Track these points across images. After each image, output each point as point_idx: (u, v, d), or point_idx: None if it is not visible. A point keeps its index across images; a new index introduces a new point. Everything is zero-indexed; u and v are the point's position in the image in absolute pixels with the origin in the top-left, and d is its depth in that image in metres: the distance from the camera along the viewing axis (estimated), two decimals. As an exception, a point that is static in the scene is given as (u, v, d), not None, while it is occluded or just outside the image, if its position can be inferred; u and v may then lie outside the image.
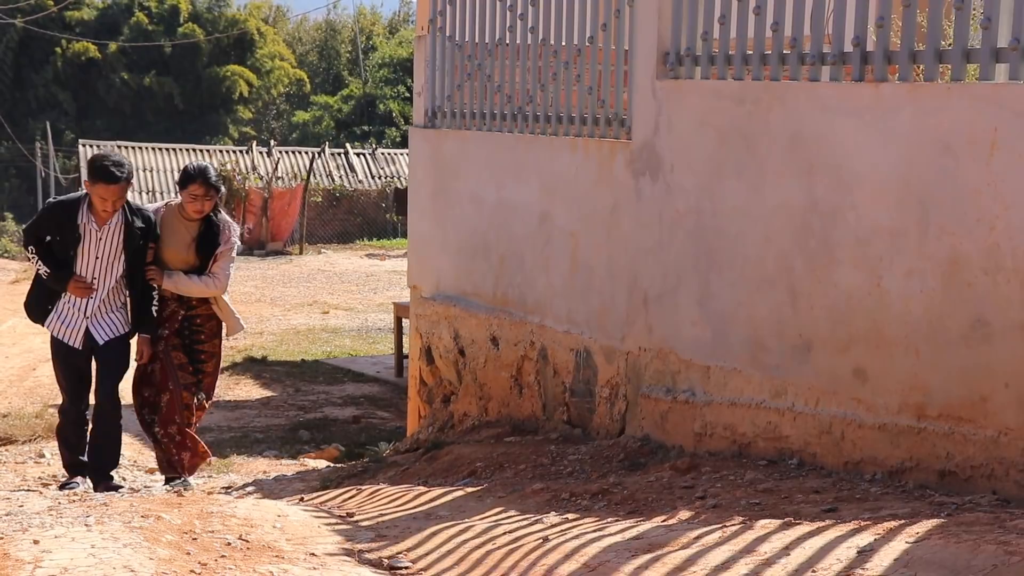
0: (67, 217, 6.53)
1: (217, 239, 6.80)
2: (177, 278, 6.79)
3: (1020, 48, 4.11)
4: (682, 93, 5.60)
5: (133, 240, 6.62)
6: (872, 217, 4.60)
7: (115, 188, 6.42)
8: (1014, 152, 4.06)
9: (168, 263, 6.80)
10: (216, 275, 6.82)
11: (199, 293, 6.84)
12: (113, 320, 6.68)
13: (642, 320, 5.84)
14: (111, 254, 6.59)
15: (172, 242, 6.77)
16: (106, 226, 6.52)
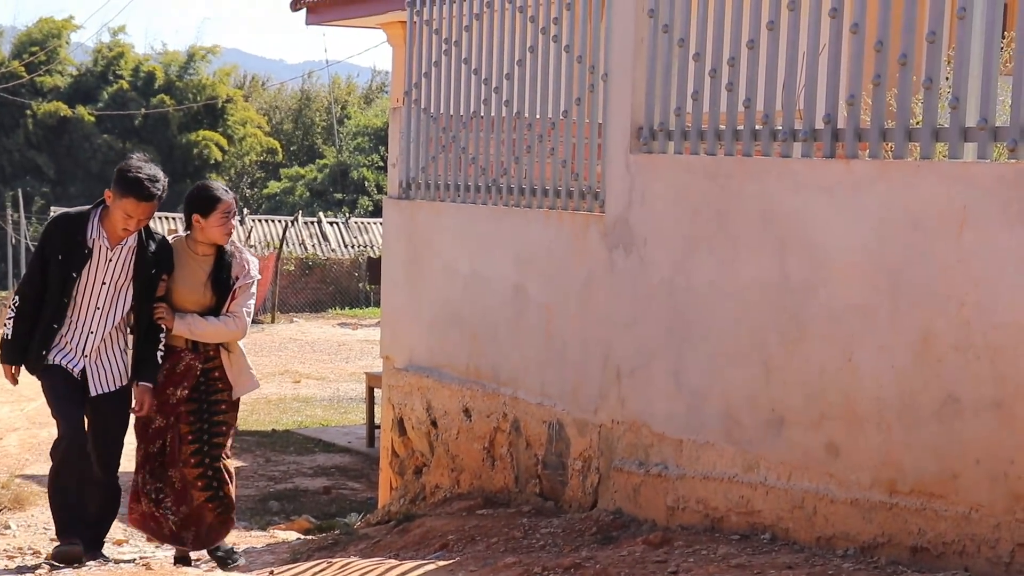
0: (76, 231, 5.68)
1: (232, 274, 6.01)
2: (192, 321, 5.94)
3: (988, 128, 4.17)
4: (655, 167, 5.65)
5: (145, 267, 5.78)
6: (844, 293, 4.63)
7: (146, 206, 5.62)
8: (983, 230, 4.11)
9: (180, 305, 5.96)
10: (236, 315, 6.00)
11: (217, 337, 6.00)
12: (112, 366, 5.83)
13: (615, 393, 5.85)
14: (120, 281, 5.75)
15: (184, 280, 5.96)
16: (119, 247, 5.72)
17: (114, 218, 5.67)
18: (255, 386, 6.27)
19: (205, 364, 6.05)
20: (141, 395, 5.90)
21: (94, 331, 5.79)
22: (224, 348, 6.08)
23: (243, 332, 6.04)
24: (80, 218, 5.75)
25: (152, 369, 5.89)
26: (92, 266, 5.71)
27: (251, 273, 6.07)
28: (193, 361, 6.03)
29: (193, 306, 5.99)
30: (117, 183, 5.63)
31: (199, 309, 6.00)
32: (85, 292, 5.74)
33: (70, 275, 5.70)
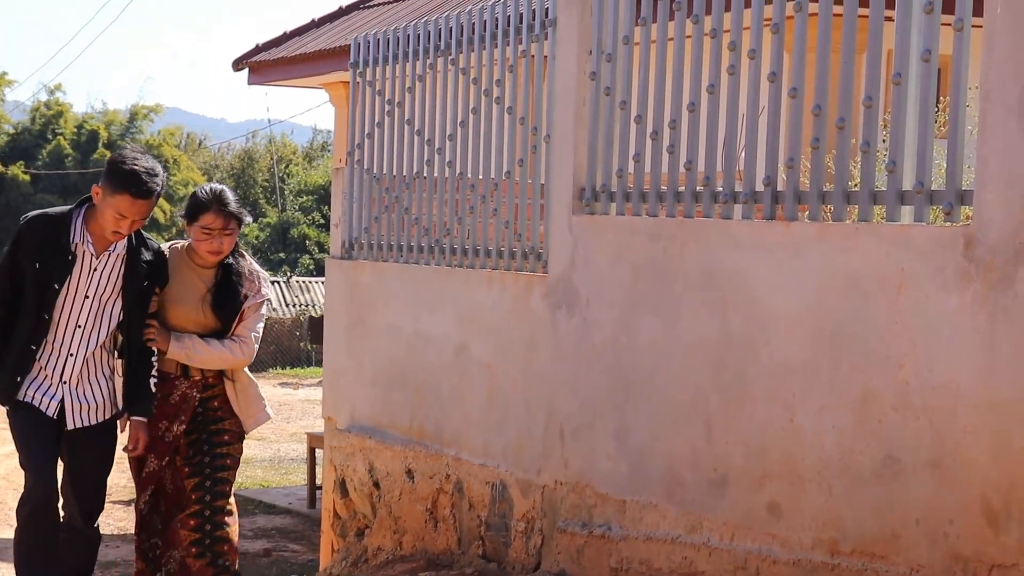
0: (58, 234, 4.82)
1: (240, 291, 5.19)
2: (191, 343, 5.12)
3: (924, 191, 4.24)
4: (598, 228, 5.68)
5: (136, 278, 4.94)
6: (785, 353, 4.67)
7: (143, 205, 4.77)
8: (920, 291, 4.16)
9: (176, 325, 5.15)
10: (242, 339, 5.18)
11: (219, 363, 5.18)
12: (95, 395, 4.98)
13: (559, 453, 5.85)
14: (105, 294, 4.91)
15: (181, 296, 5.13)
16: (106, 254, 4.89)
17: (103, 219, 4.79)
18: (266, 418, 5.41)
19: (203, 393, 5.27)
20: (134, 431, 5.07)
21: (74, 353, 4.91)
22: (227, 376, 5.28)
23: (249, 359, 5.24)
24: (61, 219, 4.87)
25: (146, 399, 5.05)
26: (75, 276, 4.84)
27: (262, 291, 5.26)
28: (189, 390, 5.23)
29: (192, 326, 5.17)
30: (109, 177, 4.78)
31: (199, 330, 5.17)
32: (65, 307, 4.86)
33: (50, 286, 4.81)
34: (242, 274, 5.22)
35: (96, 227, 4.89)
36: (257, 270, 5.28)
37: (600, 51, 5.69)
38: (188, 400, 5.23)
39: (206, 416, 5.30)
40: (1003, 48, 3.90)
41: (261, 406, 5.42)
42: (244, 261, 5.26)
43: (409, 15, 14.27)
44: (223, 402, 5.33)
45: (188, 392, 5.24)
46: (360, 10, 16.56)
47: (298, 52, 15.45)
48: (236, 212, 5.14)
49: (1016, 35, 3.86)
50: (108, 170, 4.83)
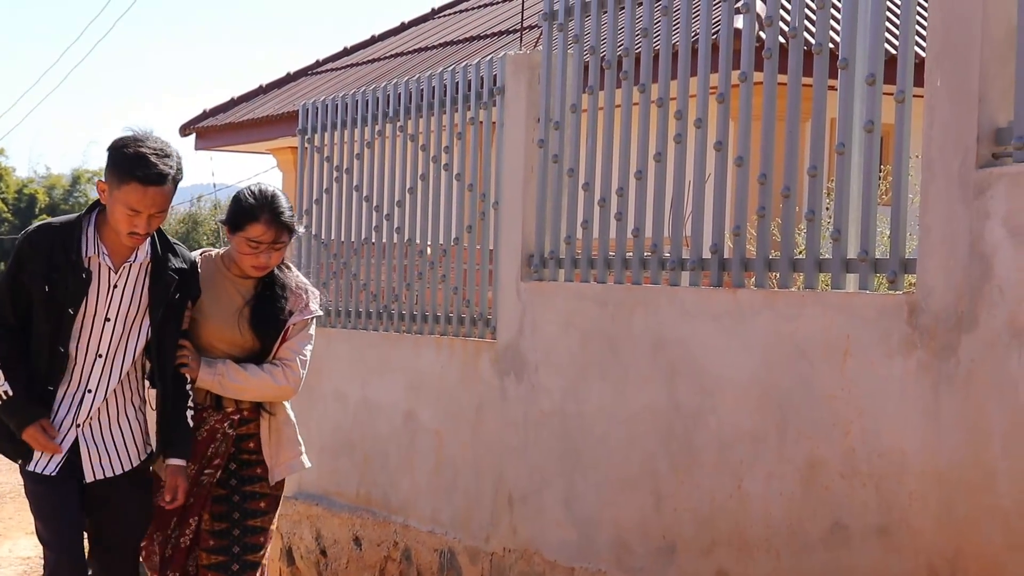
0: (66, 249, 3.98)
1: (285, 305, 4.30)
2: (223, 368, 4.23)
3: (869, 260, 4.29)
4: (546, 295, 5.70)
5: (164, 291, 4.08)
6: (733, 421, 4.69)
7: (157, 194, 3.90)
8: (865, 359, 4.20)
9: (207, 345, 4.27)
10: (287, 363, 4.29)
11: (259, 393, 4.28)
12: (120, 438, 4.11)
13: (507, 521, 5.82)
14: (131, 313, 4.07)
15: (213, 310, 4.26)
16: (126, 265, 4.04)
17: (115, 219, 3.95)
18: (300, 466, 4.44)
19: (237, 430, 4.31)
20: (172, 477, 4.13)
21: (93, 389, 4.03)
22: (265, 409, 4.34)
23: (296, 389, 4.32)
24: (69, 229, 4.02)
25: (184, 437, 4.15)
26: (91, 297, 4.00)
27: (311, 307, 4.36)
28: (220, 424, 4.28)
29: (225, 346, 4.27)
30: (113, 166, 3.95)
31: (234, 351, 4.27)
32: (83, 335, 4.02)
33: (64, 311, 3.96)
34: (287, 286, 4.32)
35: (110, 234, 4.01)
36: (305, 283, 4.40)
37: (548, 119, 5.73)
38: (219, 439, 4.27)
39: (240, 463, 4.32)
40: (943, 120, 3.97)
41: (296, 452, 4.41)
42: (290, 273, 4.37)
43: (357, 81, 14.33)
44: (258, 445, 4.35)
45: (219, 427, 4.27)
46: (308, 76, 16.60)
47: (246, 117, 15.46)
48: (289, 223, 4.22)
49: (955, 107, 3.92)
50: (111, 158, 3.98)
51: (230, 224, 4.25)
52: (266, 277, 4.32)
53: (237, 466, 4.34)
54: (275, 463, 4.37)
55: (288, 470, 4.39)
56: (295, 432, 4.46)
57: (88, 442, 4.07)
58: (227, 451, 4.30)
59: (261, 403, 4.36)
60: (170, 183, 3.93)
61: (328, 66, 16.70)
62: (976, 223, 3.85)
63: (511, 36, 10.87)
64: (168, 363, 4.15)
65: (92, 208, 4.09)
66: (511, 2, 11.25)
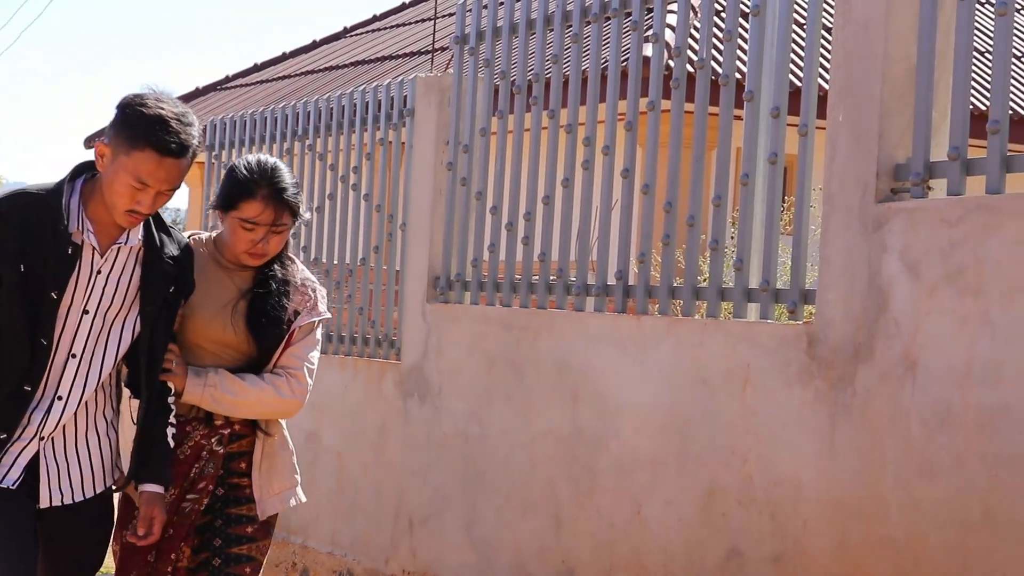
0: (49, 220, 3.26)
1: (288, 304, 3.61)
2: (216, 380, 3.54)
3: (770, 290, 4.34)
4: (452, 317, 5.70)
5: (159, 282, 3.40)
6: (634, 446, 4.72)
7: (172, 167, 3.22)
8: (764, 388, 4.25)
9: (191, 346, 3.57)
10: (291, 371, 3.61)
11: (256, 409, 3.58)
12: (86, 457, 3.41)
13: (407, 543, 5.80)
14: (114, 308, 3.36)
15: (203, 303, 3.55)
16: (113, 248, 3.34)
17: (114, 192, 3.24)
18: (293, 498, 3.74)
19: (226, 447, 3.62)
20: (148, 507, 3.43)
21: (64, 396, 3.34)
22: (260, 428, 3.66)
23: (300, 404, 3.65)
24: (49, 198, 3.28)
25: (164, 459, 3.49)
26: (75, 284, 3.29)
27: (319, 307, 3.69)
28: (206, 440, 3.59)
29: (214, 348, 3.59)
30: (124, 126, 3.23)
31: (225, 356, 3.59)
32: (57, 328, 3.30)
33: (45, 295, 3.25)
34: (289, 282, 3.63)
35: (99, 209, 3.30)
36: (312, 280, 3.72)
37: (457, 142, 5.74)
38: (205, 457, 3.59)
39: (227, 487, 3.64)
40: (844, 154, 4.04)
41: (291, 482, 3.72)
42: (293, 267, 3.68)
43: (267, 98, 14.23)
44: (250, 466, 3.67)
45: (204, 443, 3.59)
46: (217, 91, 16.47)
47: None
48: (293, 202, 3.55)
49: (857, 142, 4.00)
50: (121, 118, 3.26)
51: (222, 201, 3.57)
52: (266, 269, 3.61)
53: (225, 490, 3.64)
54: (265, 494, 3.65)
55: (280, 504, 3.68)
56: (292, 458, 3.76)
57: (49, 460, 3.36)
58: (215, 473, 3.59)
59: (256, 420, 3.66)
60: (189, 157, 3.25)
61: (238, 82, 16.59)
62: (874, 256, 3.92)
63: (423, 57, 10.89)
64: (155, 369, 3.46)
65: (76, 174, 3.34)
66: (424, 23, 11.26)
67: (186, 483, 3.60)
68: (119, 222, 3.30)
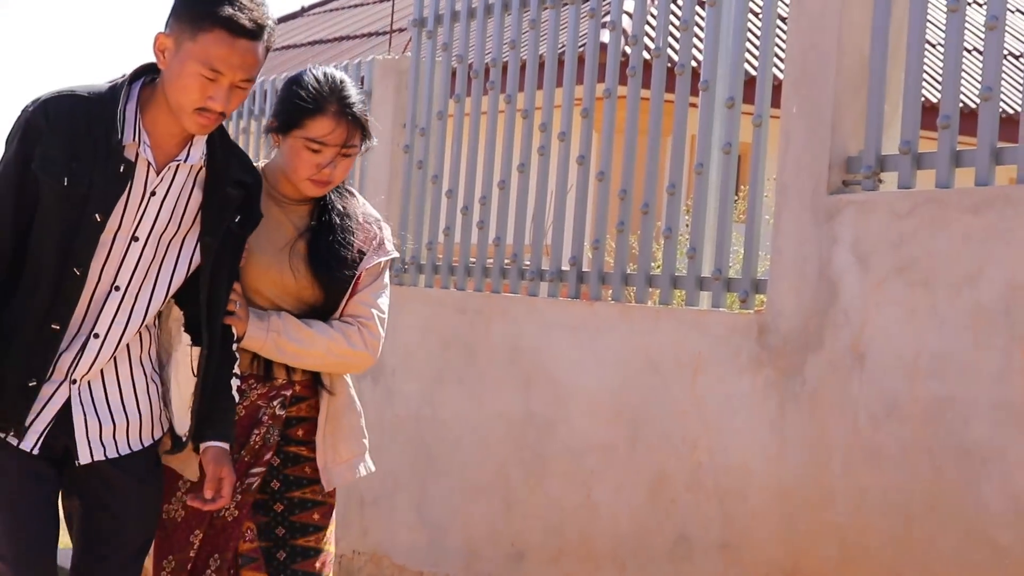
0: (100, 129, 2.80)
1: (353, 240, 3.19)
2: (280, 324, 3.11)
3: (722, 279, 4.38)
4: (406, 300, 5.70)
5: (223, 209, 2.93)
6: (585, 431, 4.75)
7: (248, 51, 2.79)
8: (715, 376, 4.29)
9: (250, 295, 3.14)
10: (364, 320, 3.17)
11: (324, 362, 3.16)
12: (134, 405, 2.95)
13: (357, 523, 5.81)
14: (167, 234, 2.90)
15: (258, 242, 3.11)
16: (171, 166, 2.87)
17: (180, 86, 2.77)
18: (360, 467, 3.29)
19: (288, 410, 3.19)
20: (215, 467, 2.98)
21: (102, 334, 2.87)
22: (322, 386, 3.21)
23: (375, 355, 3.22)
24: (103, 102, 2.82)
25: (227, 414, 3.04)
26: (122, 203, 2.83)
27: (386, 246, 3.25)
28: (264, 401, 3.16)
29: (273, 293, 3.16)
30: (187, 6, 2.81)
31: (284, 302, 3.16)
32: (96, 256, 2.83)
33: (88, 217, 2.78)
34: (351, 216, 3.21)
35: (160, 118, 2.84)
36: (375, 214, 3.30)
37: (414, 124, 5.74)
38: (266, 423, 3.14)
39: (284, 457, 3.19)
40: (798, 145, 4.07)
41: (359, 448, 3.28)
42: (353, 200, 3.26)
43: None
44: (310, 433, 3.22)
45: (263, 404, 3.15)
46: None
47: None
48: (364, 120, 3.15)
49: (810, 134, 4.03)
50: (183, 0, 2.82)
51: (281, 120, 3.15)
52: (325, 202, 3.20)
53: (280, 461, 3.17)
54: (331, 462, 3.21)
55: (349, 472, 3.24)
56: (360, 420, 3.29)
57: (86, 407, 2.88)
58: (275, 441, 3.15)
59: (319, 377, 3.20)
60: (265, 40, 2.82)
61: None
62: (825, 248, 3.96)
63: (381, 38, 10.86)
64: (218, 312, 2.98)
65: (135, 77, 2.88)
66: (382, 3, 11.23)
67: (246, 452, 3.12)
68: (187, 126, 2.82)
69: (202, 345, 2.98)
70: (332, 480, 3.22)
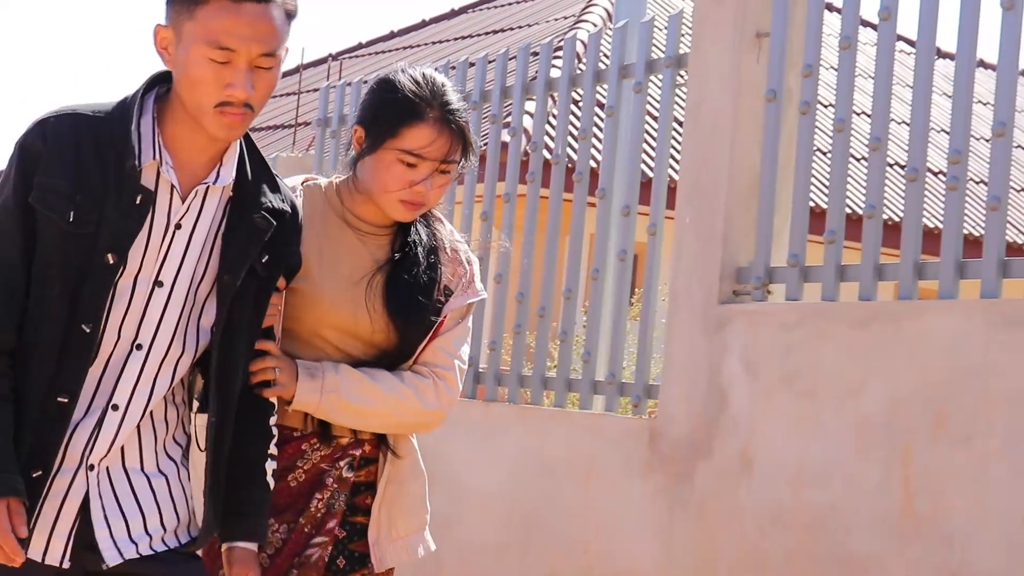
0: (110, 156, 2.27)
1: (441, 277, 2.68)
2: (337, 380, 2.59)
3: (615, 383, 4.44)
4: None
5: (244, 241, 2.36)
6: (479, 531, 4.76)
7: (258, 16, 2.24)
8: (607, 480, 4.33)
9: (309, 334, 2.63)
10: (441, 371, 2.67)
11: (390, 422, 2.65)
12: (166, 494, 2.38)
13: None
14: (196, 277, 2.35)
15: (327, 275, 2.62)
16: (199, 191, 2.32)
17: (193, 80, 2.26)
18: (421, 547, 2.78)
19: (355, 474, 2.68)
20: (239, 573, 2.43)
21: (122, 405, 2.32)
22: (387, 446, 2.69)
23: (444, 416, 2.70)
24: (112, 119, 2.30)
25: (260, 507, 2.47)
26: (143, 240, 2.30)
27: (476, 285, 2.75)
28: (326, 463, 2.66)
29: (340, 338, 2.65)
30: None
31: (355, 348, 2.66)
32: (114, 309, 2.30)
33: (99, 261, 2.26)
34: (440, 249, 2.71)
35: (180, 132, 2.33)
36: (464, 246, 2.78)
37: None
38: (330, 486, 2.66)
39: (351, 529, 2.69)
40: (690, 255, 4.16)
41: (420, 522, 2.78)
42: (441, 227, 2.76)
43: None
44: None
45: (328, 468, 2.66)
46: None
47: None
48: (467, 134, 2.65)
49: (702, 244, 4.12)
50: None
51: (371, 129, 2.63)
52: (409, 229, 2.69)
53: (346, 533, 2.69)
54: (385, 536, 2.71)
55: (405, 552, 2.73)
56: (424, 488, 2.79)
57: (105, 498, 2.32)
58: (341, 508, 2.66)
59: (385, 435, 2.71)
60: (280, 4, 2.27)
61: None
62: (716, 356, 4.03)
63: (287, 130, 10.93)
64: (231, 374, 2.41)
65: (149, 87, 2.37)
66: (288, 96, 11.35)
67: (306, 521, 2.63)
68: (211, 131, 2.29)
69: (209, 412, 2.41)
70: (385, 559, 2.70)
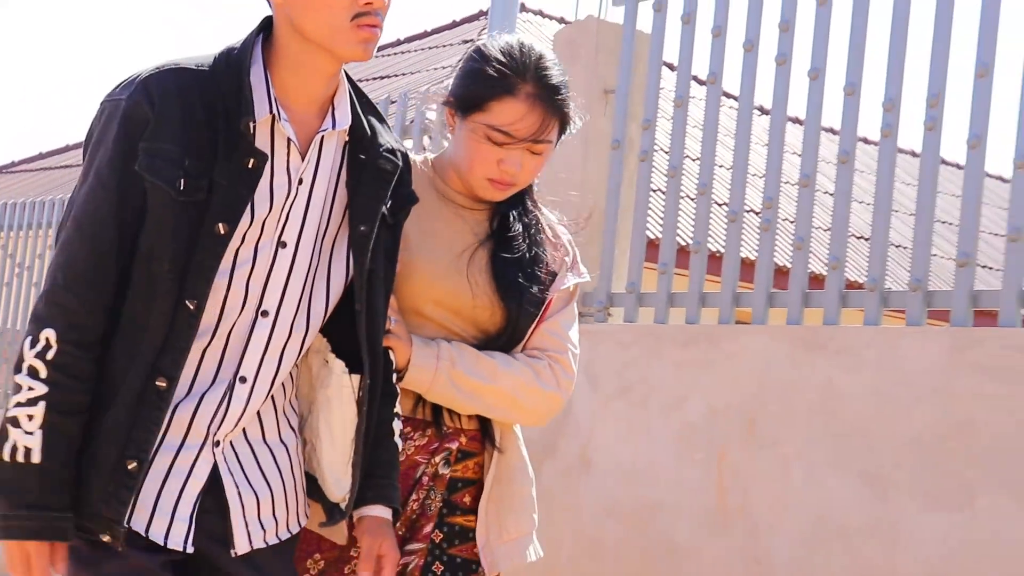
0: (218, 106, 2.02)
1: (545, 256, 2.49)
2: (454, 354, 2.38)
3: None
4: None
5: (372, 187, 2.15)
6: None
7: None
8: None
9: (408, 314, 2.41)
10: (556, 356, 2.47)
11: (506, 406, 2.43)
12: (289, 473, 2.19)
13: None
14: (319, 232, 2.13)
15: (425, 248, 2.41)
16: (316, 140, 2.09)
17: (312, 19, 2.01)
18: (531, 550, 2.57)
19: (453, 469, 2.47)
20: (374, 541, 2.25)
21: (248, 376, 2.12)
22: (490, 440, 2.50)
23: (563, 402, 2.49)
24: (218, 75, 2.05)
25: (391, 469, 2.29)
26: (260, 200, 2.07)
27: (580, 267, 2.59)
28: (422, 455, 2.43)
29: (441, 315, 2.44)
30: None
31: (455, 325, 2.45)
32: (234, 278, 2.08)
33: (208, 231, 2.02)
34: (539, 229, 2.53)
35: (288, 78, 2.09)
36: (563, 230, 2.61)
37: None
38: (425, 484, 2.43)
39: (447, 531, 2.48)
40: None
41: (529, 524, 2.58)
42: (544, 214, 2.59)
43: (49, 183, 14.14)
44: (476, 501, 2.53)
45: (423, 461, 2.43)
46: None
47: None
48: (566, 107, 2.43)
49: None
50: None
51: (461, 100, 2.42)
52: (507, 207, 2.50)
53: (443, 536, 2.47)
54: (495, 538, 2.50)
55: (516, 554, 2.52)
56: (532, 489, 2.60)
57: (236, 477, 2.13)
58: (437, 509, 2.45)
59: (488, 429, 2.49)
60: None
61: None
62: (562, 369, 4.55)
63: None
64: (379, 329, 2.22)
65: (254, 35, 2.11)
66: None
67: (400, 523, 2.40)
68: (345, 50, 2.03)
69: (363, 372, 2.19)
70: (496, 563, 2.49)
